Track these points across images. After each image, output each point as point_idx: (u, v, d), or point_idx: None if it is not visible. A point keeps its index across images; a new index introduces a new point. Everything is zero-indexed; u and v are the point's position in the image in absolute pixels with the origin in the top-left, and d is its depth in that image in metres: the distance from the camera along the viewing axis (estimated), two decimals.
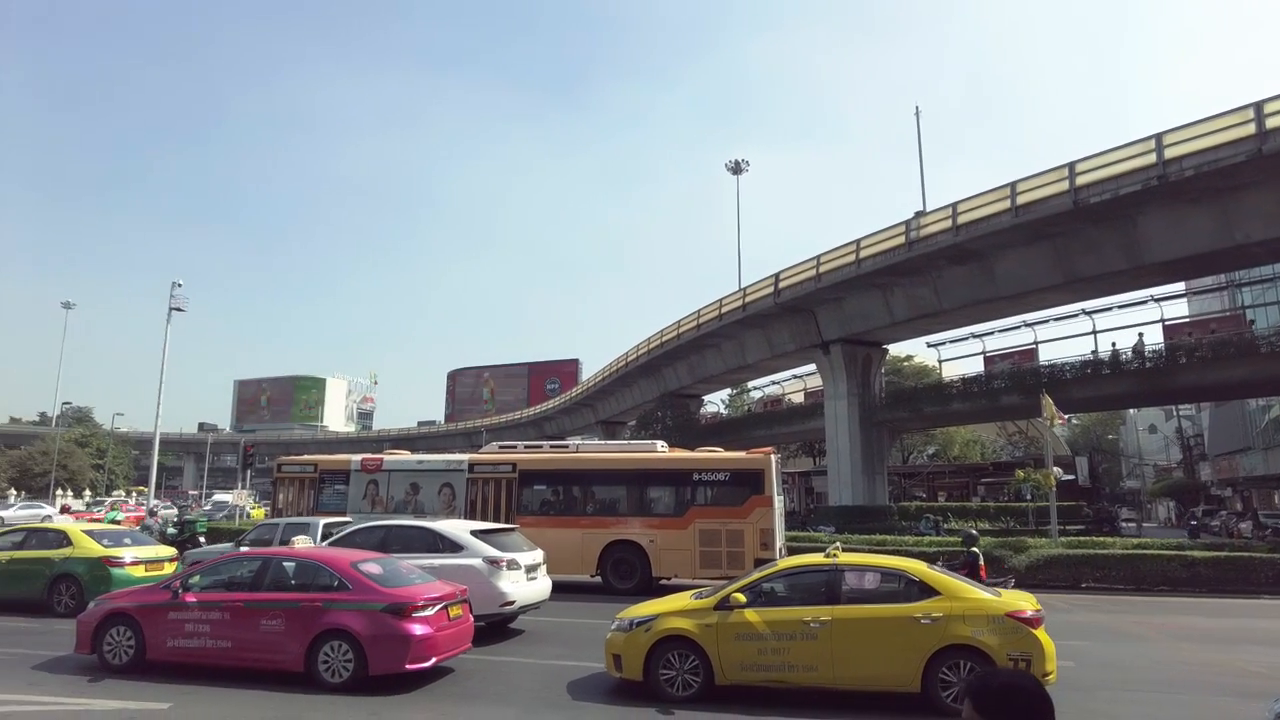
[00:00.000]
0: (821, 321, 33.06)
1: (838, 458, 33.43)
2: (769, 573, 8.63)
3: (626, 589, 16.00)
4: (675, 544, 16.33)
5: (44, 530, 14.72)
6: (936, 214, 26.68)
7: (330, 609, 8.42)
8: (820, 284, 30.76)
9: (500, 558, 11.56)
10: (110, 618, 9.10)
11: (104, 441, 79.57)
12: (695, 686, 7.95)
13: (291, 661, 8.41)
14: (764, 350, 37.57)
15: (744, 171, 54.71)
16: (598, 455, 18.40)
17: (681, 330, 41.85)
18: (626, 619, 8.45)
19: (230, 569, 9.37)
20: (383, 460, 18.89)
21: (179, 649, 8.80)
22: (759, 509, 16.02)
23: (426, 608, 8.50)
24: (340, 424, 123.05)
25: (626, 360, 50.40)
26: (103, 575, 13.09)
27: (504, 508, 17.46)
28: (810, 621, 7.81)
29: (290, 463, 19.79)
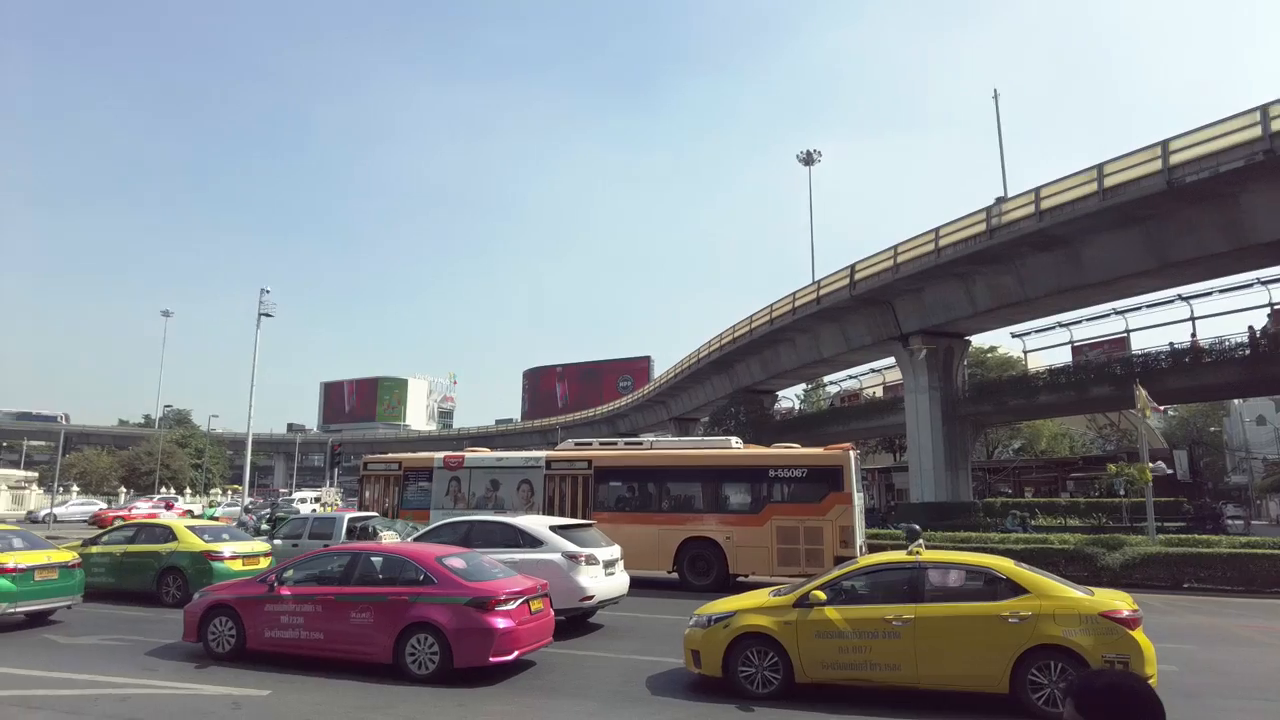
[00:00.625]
0: (900, 313, 32.32)
1: (919, 453, 32.66)
2: (850, 570, 8.51)
3: (703, 586, 15.97)
4: (752, 541, 16.23)
5: (152, 525, 15.61)
6: (1019, 199, 25.78)
7: (416, 603, 8.68)
8: (898, 274, 30.07)
9: (579, 553, 11.70)
10: (213, 609, 9.59)
11: (202, 442, 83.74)
12: (775, 684, 7.90)
13: (380, 653, 8.70)
14: (839, 344, 36.95)
15: (816, 163, 53.97)
16: (672, 452, 18.43)
17: (754, 325, 41.50)
18: (705, 615, 8.45)
19: (321, 564, 9.74)
20: (464, 458, 19.34)
21: (275, 640, 9.21)
22: (838, 506, 15.78)
23: (508, 601, 8.68)
24: (422, 423, 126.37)
25: (698, 357, 50.29)
26: (204, 569, 13.81)
27: (580, 504, 17.67)
28: (893, 620, 7.66)
29: (376, 461, 20.45)
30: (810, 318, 36.26)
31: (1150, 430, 26.21)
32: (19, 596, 11.21)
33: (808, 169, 53.94)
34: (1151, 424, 28.38)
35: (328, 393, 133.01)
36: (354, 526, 16.69)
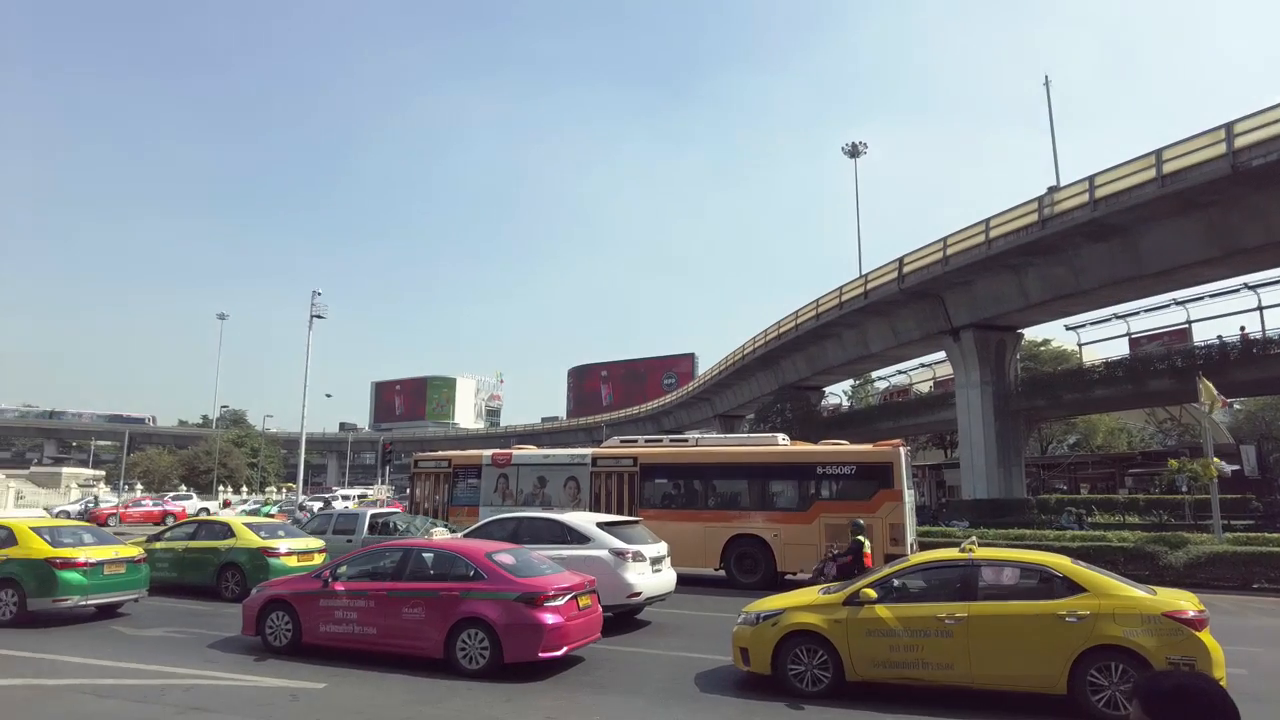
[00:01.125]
0: (950, 306, 31.74)
1: (970, 449, 32.05)
2: (900, 568, 8.39)
3: (751, 583, 15.91)
4: (800, 538, 16.10)
5: (211, 522, 16.09)
6: (1072, 188, 25.11)
7: (467, 598, 8.80)
8: (947, 267, 29.53)
9: (626, 549, 11.74)
10: (270, 604, 9.84)
11: (257, 441, 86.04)
12: (825, 682, 7.82)
13: (431, 648, 8.84)
14: (888, 339, 36.42)
15: (862, 154, 53.24)
16: (718, 449, 18.37)
17: (800, 321, 41.12)
18: (753, 613, 8.41)
19: (374, 559, 9.93)
20: (512, 455, 19.54)
21: (330, 634, 9.41)
22: (888, 503, 15.57)
23: (557, 597, 8.74)
24: (470, 421, 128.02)
25: (743, 353, 50.02)
26: (261, 564, 14.18)
27: (626, 501, 17.71)
28: (945, 618, 7.53)
29: (426, 459, 20.78)
30: (857, 312, 35.80)
31: (1215, 424, 25.25)
32: (90, 590, 11.65)
33: (854, 161, 53.26)
34: (1216, 418, 27.34)
35: (378, 392, 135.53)
36: (375, 522, 17.23)
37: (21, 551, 11.59)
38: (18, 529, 12.14)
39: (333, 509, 21.95)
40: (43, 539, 11.85)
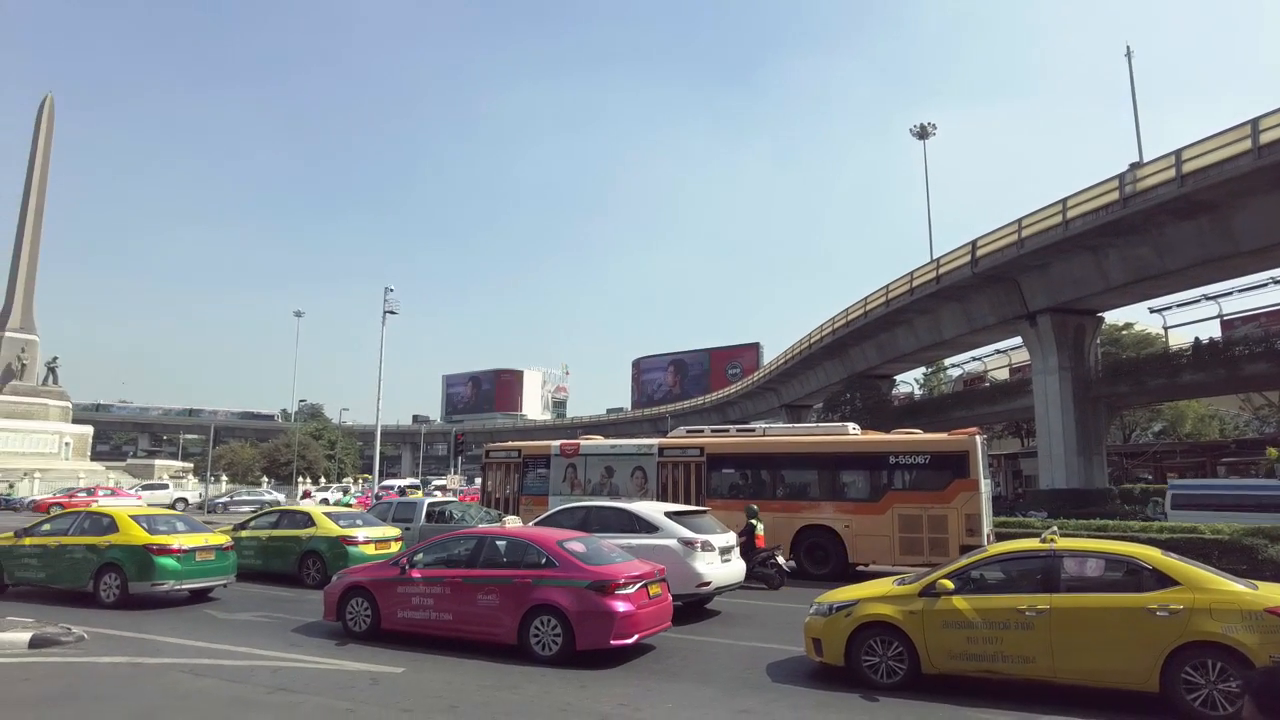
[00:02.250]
0: (1026, 290, 30.72)
1: (1049, 437, 31.02)
2: (978, 559, 8.17)
3: (821, 574, 15.75)
4: (872, 529, 15.84)
5: (293, 512, 16.69)
6: (1156, 164, 23.97)
7: (539, 585, 8.92)
8: (1023, 249, 28.58)
9: (695, 539, 11.73)
10: (350, 590, 10.15)
11: (334, 434, 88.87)
12: (900, 674, 7.68)
13: (505, 634, 8.99)
14: (961, 324, 35.48)
15: (931, 136, 51.89)
16: (787, 439, 18.18)
17: (869, 307, 40.37)
18: (826, 603, 8.31)
19: (449, 547, 10.14)
20: (579, 445, 19.72)
21: (408, 620, 9.66)
22: (964, 493, 15.18)
23: (628, 585, 8.79)
24: (537, 412, 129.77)
25: (810, 342, 49.38)
26: (341, 553, 14.66)
27: (693, 491, 17.69)
28: (1025, 610, 7.31)
29: (497, 449, 21.15)
30: (929, 298, 34.97)
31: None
32: (184, 575, 12.24)
33: (922, 143, 51.91)
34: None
35: (449, 385, 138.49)
36: (433, 510, 17.79)
37: (123, 538, 12.24)
38: (119, 517, 12.82)
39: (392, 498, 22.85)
40: (141, 527, 12.49)
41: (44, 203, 57.63)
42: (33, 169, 57.00)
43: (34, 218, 56.68)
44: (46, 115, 57.86)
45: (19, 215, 56.86)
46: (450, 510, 17.93)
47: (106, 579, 12.11)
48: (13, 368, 55.68)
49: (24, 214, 56.63)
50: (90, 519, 13.03)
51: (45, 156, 57.74)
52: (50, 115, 58.19)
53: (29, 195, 56.69)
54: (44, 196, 57.64)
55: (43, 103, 58.06)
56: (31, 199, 56.64)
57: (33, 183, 56.78)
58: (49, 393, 58.29)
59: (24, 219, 56.55)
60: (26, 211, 56.53)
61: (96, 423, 76.96)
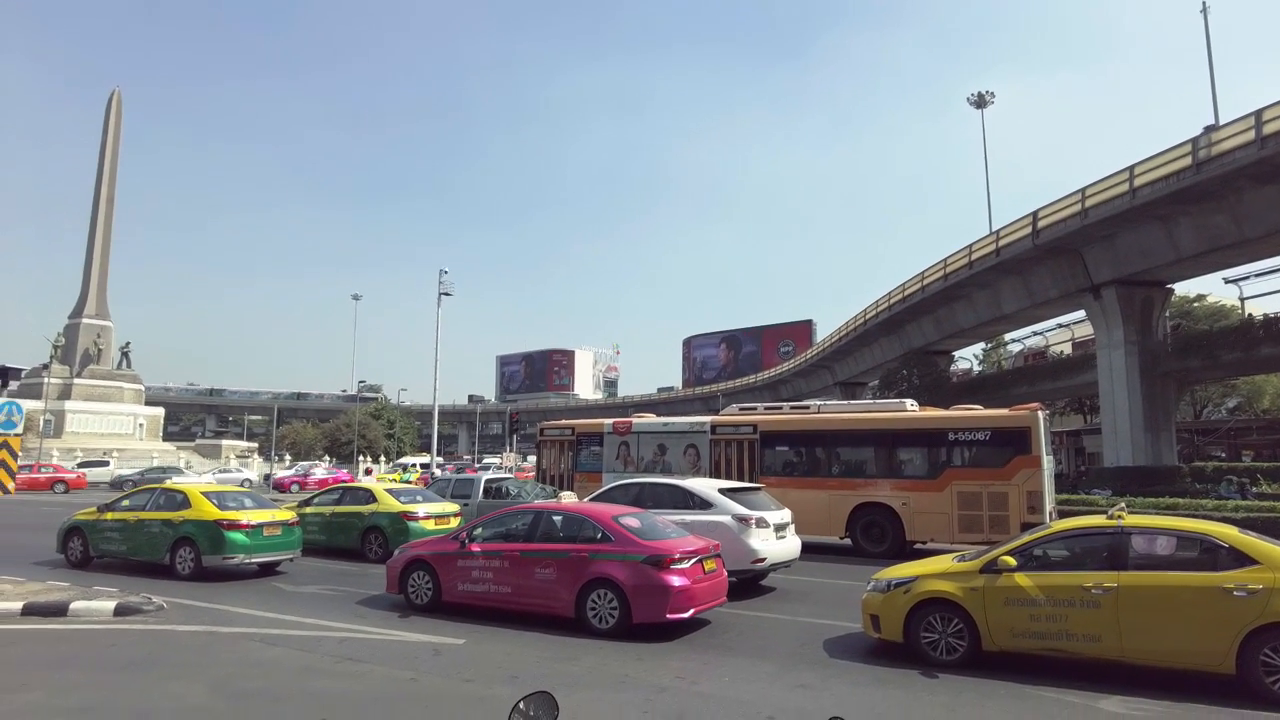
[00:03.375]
0: (1089, 262, 29.71)
1: (1114, 414, 30.08)
2: (1041, 535, 7.98)
3: (878, 552, 15.60)
4: (930, 507, 15.62)
5: (356, 489, 17.14)
6: (1234, 126, 22.85)
7: (595, 560, 9.02)
8: (1086, 220, 27.60)
9: (749, 515, 11.72)
10: (412, 564, 10.41)
11: (393, 414, 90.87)
12: (960, 651, 7.58)
13: (563, 608, 9.13)
14: (1022, 299, 34.51)
15: (989, 105, 50.38)
16: (843, 416, 17.98)
17: (926, 282, 39.53)
18: (884, 580, 8.23)
19: (507, 522, 10.31)
20: (632, 423, 19.82)
21: (468, 593, 9.87)
22: (1025, 470, 14.85)
23: (683, 560, 8.84)
24: (588, 392, 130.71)
25: (865, 318, 48.61)
26: (402, 528, 15.01)
27: (747, 468, 17.65)
28: (1092, 588, 7.13)
29: (551, 427, 21.38)
30: (989, 271, 34.07)
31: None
32: (252, 549, 12.69)
33: (980, 112, 50.43)
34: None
35: (503, 365, 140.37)
36: (489, 487, 18.10)
37: (196, 514, 12.74)
38: (191, 493, 13.34)
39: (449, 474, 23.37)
40: (212, 503, 12.97)
41: (114, 193, 59.78)
42: (103, 161, 59.12)
43: (105, 208, 58.86)
44: (115, 109, 59.85)
45: (91, 207, 59.09)
46: (507, 486, 18.25)
47: (182, 552, 12.64)
48: (90, 353, 58.15)
49: (96, 205, 58.84)
50: (166, 495, 13.59)
51: (115, 149, 59.83)
52: (119, 109, 60.18)
53: (100, 187, 58.85)
54: (114, 187, 59.78)
55: (111, 97, 60.06)
56: (103, 190, 58.78)
57: (104, 175, 58.91)
58: (123, 376, 60.77)
59: (96, 210, 58.77)
60: (99, 203, 58.72)
61: (166, 404, 79.94)
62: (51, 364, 57.00)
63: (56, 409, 54.64)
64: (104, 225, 58.92)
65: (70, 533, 13.93)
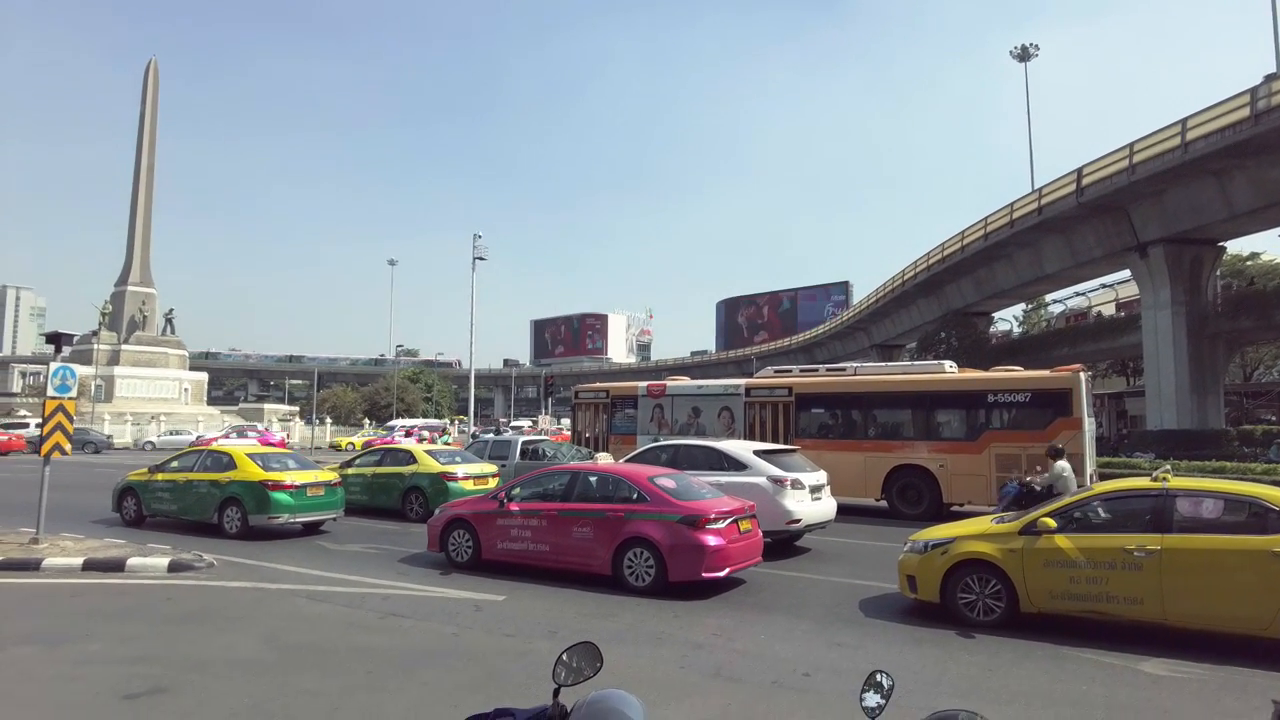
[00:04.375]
0: (1136, 220, 28.88)
1: (1158, 375, 29.44)
2: (1083, 497, 7.88)
3: (915, 514, 15.54)
4: (968, 469, 15.48)
5: (396, 450, 17.45)
6: None
7: (631, 519, 9.12)
8: (1134, 176, 26.77)
9: (784, 477, 11.73)
10: (452, 523, 10.60)
11: (430, 378, 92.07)
12: (998, 612, 7.56)
13: (600, 566, 9.26)
14: (1064, 258, 33.73)
15: (1033, 57, 48.79)
16: (879, 378, 17.81)
17: (966, 242, 38.78)
18: (921, 541, 8.21)
19: (544, 482, 10.45)
20: (666, 386, 19.85)
21: (507, 551, 10.05)
22: (1065, 432, 14.62)
23: (718, 520, 8.89)
24: (621, 356, 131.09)
25: (903, 278, 47.90)
26: (441, 488, 15.28)
27: (781, 431, 17.61)
28: (1134, 550, 7.03)
29: (586, 390, 21.50)
30: (1031, 230, 33.31)
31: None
32: (297, 509, 13.02)
33: (1023, 65, 48.88)
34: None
35: (537, 330, 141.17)
36: (527, 448, 18.28)
37: (241, 475, 13.08)
38: (236, 455, 13.69)
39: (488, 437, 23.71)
40: (256, 464, 13.30)
41: (154, 162, 60.63)
42: (142, 131, 59.92)
43: (146, 177, 59.78)
44: (152, 78, 60.45)
45: (133, 177, 60.06)
46: (543, 448, 18.45)
47: (229, 512, 13.01)
48: (135, 320, 59.54)
49: (137, 175, 59.78)
50: (212, 457, 13.97)
51: (153, 118, 60.55)
52: (155, 78, 60.76)
53: (140, 156, 59.72)
54: (154, 156, 60.61)
55: (148, 66, 60.63)
56: (143, 159, 59.67)
57: (143, 144, 59.74)
58: (168, 342, 62.21)
59: (137, 180, 59.72)
60: (139, 173, 59.65)
61: (209, 369, 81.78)
62: (100, 331, 58.55)
63: (106, 374, 56.22)
64: (145, 195, 59.90)
65: (124, 493, 14.42)
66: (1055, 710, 5.44)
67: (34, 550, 10.56)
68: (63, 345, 12.05)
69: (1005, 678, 6.18)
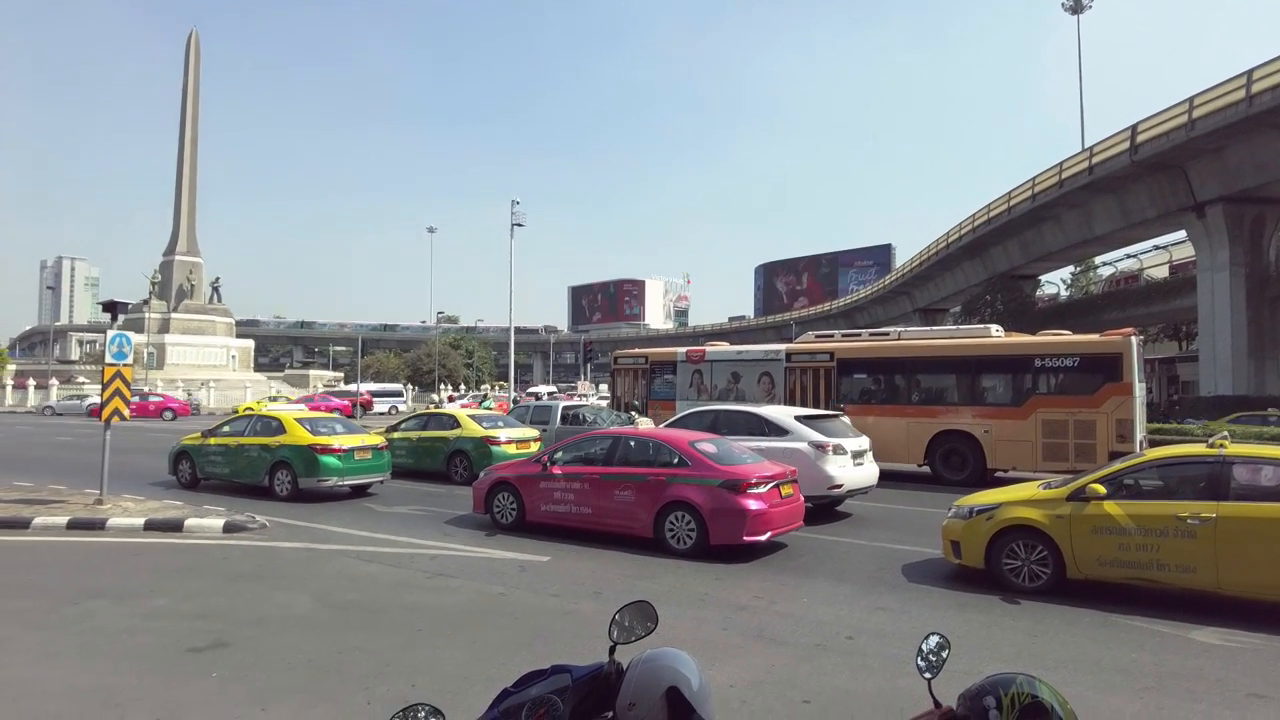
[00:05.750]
0: (1194, 178, 27.86)
1: (1213, 340, 28.60)
2: (1134, 463, 7.72)
3: (958, 480, 15.40)
4: (1013, 435, 15.25)
5: (440, 415, 17.74)
6: None
7: (673, 483, 9.18)
8: (1193, 132, 25.76)
9: (826, 442, 11.68)
10: (496, 485, 10.78)
11: (471, 344, 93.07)
12: (1044, 578, 7.48)
13: (641, 528, 9.36)
14: (1115, 219, 32.74)
15: (1086, 9, 46.95)
16: (923, 342, 17.55)
17: (1013, 203, 37.82)
18: (966, 506, 8.13)
19: (587, 446, 10.54)
20: (705, 351, 19.80)
21: (550, 513, 10.20)
22: (1115, 397, 14.31)
23: (759, 485, 8.91)
24: (659, 321, 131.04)
25: (947, 241, 46.95)
26: (485, 452, 15.52)
27: (822, 396, 17.49)
28: (1188, 517, 6.89)
29: (625, 355, 21.55)
30: (1081, 190, 32.34)
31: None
32: (345, 472, 13.32)
33: (1076, 18, 47.08)
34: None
35: (575, 296, 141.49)
36: (567, 414, 18.56)
37: (291, 439, 13.40)
38: (285, 420, 14.01)
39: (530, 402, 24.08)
40: (305, 429, 13.61)
41: (198, 133, 61.53)
42: (185, 102, 60.71)
43: (190, 148, 60.72)
44: (194, 49, 61.08)
45: (177, 147, 61.03)
46: (583, 413, 18.62)
47: (279, 475, 13.36)
48: (183, 288, 60.95)
49: (181, 146, 60.73)
50: (262, 422, 14.32)
51: (195, 89, 61.29)
52: (197, 49, 61.39)
53: (185, 127, 60.60)
54: (198, 127, 61.48)
55: (189, 37, 61.24)
56: (187, 130, 60.55)
57: (187, 115, 60.58)
58: (215, 310, 63.63)
59: (182, 150, 60.69)
60: (183, 144, 60.59)
61: (255, 336, 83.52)
62: (151, 300, 60.06)
63: (157, 342, 57.78)
64: (190, 165, 60.89)
65: (179, 456, 14.88)
66: (1103, 677, 5.39)
67: (99, 510, 11.00)
68: (118, 313, 12.39)
69: (1051, 643, 6.14)
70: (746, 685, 5.11)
